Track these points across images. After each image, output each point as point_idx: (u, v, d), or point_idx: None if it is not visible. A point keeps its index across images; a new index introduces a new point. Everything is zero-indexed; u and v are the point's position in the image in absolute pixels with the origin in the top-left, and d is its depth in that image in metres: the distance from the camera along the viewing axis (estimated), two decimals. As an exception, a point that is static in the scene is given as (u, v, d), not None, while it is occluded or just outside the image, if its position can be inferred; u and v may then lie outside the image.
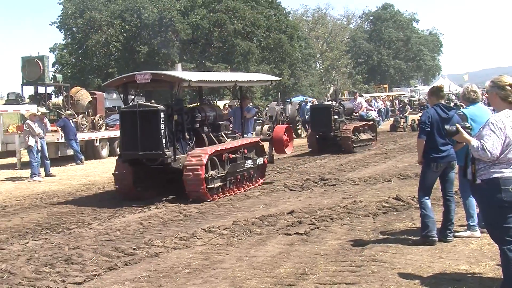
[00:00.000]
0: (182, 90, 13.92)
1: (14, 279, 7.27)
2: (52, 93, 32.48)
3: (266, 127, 17.47)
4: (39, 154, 18.16)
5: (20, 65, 28.26)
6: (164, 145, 12.26)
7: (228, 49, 50.01)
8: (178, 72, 14.19)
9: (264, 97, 54.53)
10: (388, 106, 48.53)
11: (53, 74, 30.72)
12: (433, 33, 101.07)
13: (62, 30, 53.22)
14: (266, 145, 15.78)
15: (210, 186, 12.59)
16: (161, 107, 12.52)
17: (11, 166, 21.60)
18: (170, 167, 12.66)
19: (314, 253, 7.95)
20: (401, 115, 38.38)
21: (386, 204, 11.05)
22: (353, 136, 22.59)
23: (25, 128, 18.38)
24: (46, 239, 9.67)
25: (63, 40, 54.70)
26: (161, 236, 9.39)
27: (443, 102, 8.34)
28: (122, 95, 13.55)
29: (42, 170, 18.50)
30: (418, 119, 32.19)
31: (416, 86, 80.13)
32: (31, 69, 27.57)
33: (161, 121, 12.24)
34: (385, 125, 38.90)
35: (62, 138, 21.56)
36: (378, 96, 50.95)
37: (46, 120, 19.82)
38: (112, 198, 13.59)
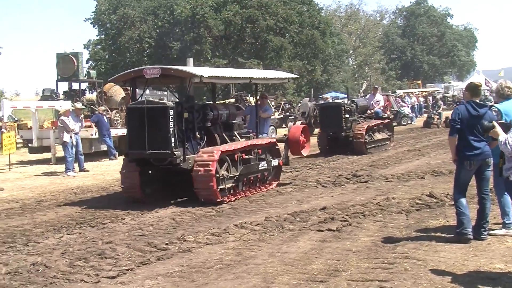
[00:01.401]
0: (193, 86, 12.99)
1: (49, 272, 7.37)
2: (86, 89, 32.90)
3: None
4: (74, 149, 18.36)
5: (55, 61, 28.64)
6: (173, 145, 11.54)
7: (261, 45, 49.99)
8: (189, 67, 13.55)
9: (296, 93, 54.43)
10: (422, 103, 48.08)
11: (87, 70, 31.11)
12: (468, 28, 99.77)
13: (96, 27, 53.83)
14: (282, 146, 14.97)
15: (221, 187, 11.88)
16: (170, 103, 11.89)
17: (46, 161, 21.90)
18: (179, 168, 11.92)
19: (346, 249, 7.91)
20: (434, 112, 37.98)
21: (419, 201, 10.94)
22: (367, 137, 21.04)
23: (59, 124, 18.60)
24: (80, 233, 9.79)
25: (97, 36, 55.32)
26: (194, 232, 9.44)
27: (477, 100, 8.20)
28: (129, 91, 12.84)
29: (76, 165, 18.72)
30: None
31: (450, 82, 79.17)
32: (66, 65, 27.92)
33: (170, 118, 11.51)
34: (418, 122, 38.54)
35: (96, 134, 21.78)
36: (412, 92, 50.55)
37: (81, 116, 20.04)
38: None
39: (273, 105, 37.40)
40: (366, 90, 54.78)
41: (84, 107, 23.95)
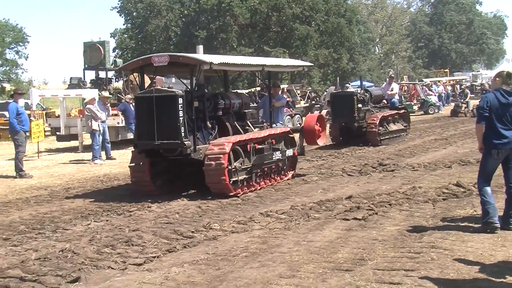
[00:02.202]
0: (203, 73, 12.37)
1: (77, 259, 7.46)
2: (113, 77, 33.07)
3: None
4: (101, 137, 18.51)
5: (82, 50, 28.87)
6: (183, 134, 11.13)
7: (287, 34, 49.85)
8: (199, 55, 13.17)
9: (322, 81, 54.25)
10: (449, 91, 47.61)
11: (114, 58, 31.32)
12: (498, 15, 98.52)
13: (123, 15, 54.13)
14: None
15: (234, 179, 11.48)
16: (180, 92, 11.44)
17: (74, 149, 22.13)
18: (189, 159, 11.53)
19: (372, 238, 7.89)
20: (462, 100, 37.58)
21: (446, 191, 10.86)
22: (381, 127, 20.25)
23: (86, 112, 18.76)
24: (107, 220, 9.88)
25: (124, 25, 55.67)
26: (219, 220, 9.47)
27: (507, 88, 8.09)
28: (137, 80, 12.44)
29: (103, 154, 18.88)
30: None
31: (479, 71, 78.30)
32: (93, 54, 28.14)
33: (180, 107, 11.10)
34: (445, 110, 38.19)
35: (122, 122, 21.91)
36: (439, 81, 50.07)
37: (108, 104, 20.17)
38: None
39: (298, 94, 37.35)
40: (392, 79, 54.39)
41: (111, 95, 24.11)
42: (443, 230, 8.11)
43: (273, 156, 12.92)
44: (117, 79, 33.49)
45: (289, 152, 13.69)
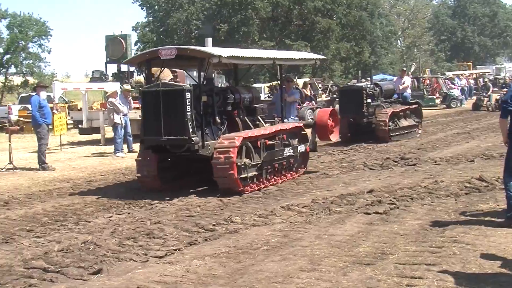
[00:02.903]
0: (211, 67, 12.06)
1: (99, 251, 7.52)
2: (135, 71, 33.21)
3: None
4: (122, 130, 18.61)
5: (104, 43, 29.05)
6: (190, 130, 10.76)
7: (308, 27, 49.74)
8: (207, 47, 12.68)
9: (344, 75, 54.07)
10: (472, 85, 47.14)
11: (136, 52, 31.40)
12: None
13: (144, 9, 54.26)
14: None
15: (243, 176, 11.11)
16: (187, 86, 11.17)
17: (96, 142, 22.28)
18: (198, 155, 11.23)
19: (393, 232, 7.85)
20: (484, 94, 37.21)
21: (469, 185, 10.77)
22: (391, 123, 19.39)
23: (108, 106, 18.86)
24: (129, 213, 9.95)
25: (145, 18, 55.79)
26: (240, 213, 9.49)
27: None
28: (144, 74, 12.24)
29: (125, 147, 18.98)
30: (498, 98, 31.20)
31: (502, 64, 77.44)
32: (115, 47, 28.32)
33: (187, 102, 10.74)
34: (468, 104, 37.86)
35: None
36: (462, 74, 49.58)
37: (130, 98, 20.26)
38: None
39: (320, 87, 37.22)
40: (415, 72, 54.08)
41: (133, 89, 24.22)
42: (465, 225, 8.05)
43: (284, 152, 12.56)
44: (138, 73, 33.62)
45: (301, 148, 13.27)
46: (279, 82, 14.72)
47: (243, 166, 11.14)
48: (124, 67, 29.41)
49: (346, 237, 7.75)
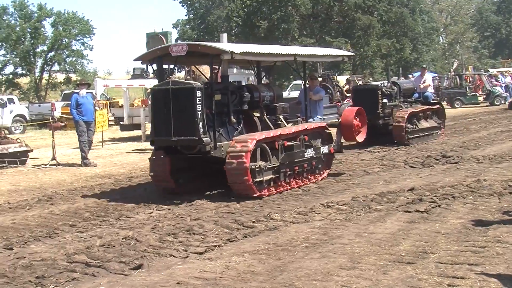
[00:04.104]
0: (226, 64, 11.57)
1: (140, 246, 7.60)
2: (175, 67, 33.39)
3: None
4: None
5: (145, 41, 29.26)
6: (201, 130, 10.33)
7: (349, 24, 49.42)
8: (219, 43, 12.26)
9: (384, 72, 53.60)
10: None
11: (177, 49, 31.56)
12: None
13: (185, 6, 54.64)
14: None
15: (258, 179, 10.56)
16: (198, 84, 10.63)
17: (137, 139, 22.53)
18: (210, 156, 10.74)
19: (434, 231, 7.76)
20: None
21: (513, 184, 10.59)
22: (409, 125, 18.21)
23: (149, 103, 19.01)
24: (169, 209, 10.02)
25: (186, 16, 56.20)
26: (280, 210, 9.49)
27: None
28: (156, 71, 11.86)
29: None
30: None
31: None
32: (155, 44, 28.36)
33: (198, 101, 10.30)
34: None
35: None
36: (506, 71, 48.71)
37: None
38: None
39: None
40: (457, 69, 53.35)
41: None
42: (509, 224, 7.90)
43: (305, 153, 11.88)
44: (179, 70, 33.85)
45: (324, 149, 12.58)
46: (321, 78, 14.38)
47: (258, 169, 10.58)
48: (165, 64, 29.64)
49: (386, 235, 7.69)
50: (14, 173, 15.34)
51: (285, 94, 23.21)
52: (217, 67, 11.39)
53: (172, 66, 13.73)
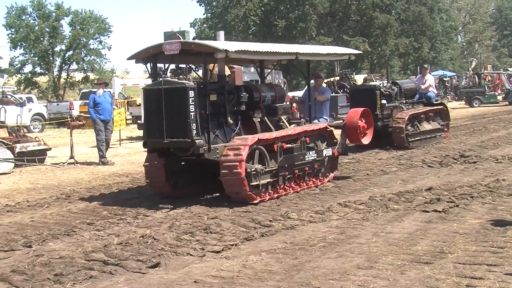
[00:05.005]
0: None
1: (157, 245, 7.62)
2: (193, 67, 33.47)
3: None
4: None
5: (163, 39, 29.34)
6: (194, 132, 9.86)
7: (366, 22, 49.29)
8: (212, 41, 11.80)
9: (402, 71, 53.40)
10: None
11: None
12: None
13: (203, 5, 54.68)
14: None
15: (254, 183, 10.09)
16: (191, 84, 10.18)
17: (154, 138, 22.53)
18: (204, 159, 10.26)
19: (452, 231, 7.71)
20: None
21: (532, 184, 10.50)
22: (410, 127, 17.40)
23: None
24: (186, 208, 10.03)
25: (203, 14, 56.24)
26: (297, 209, 9.48)
27: None
28: (149, 70, 11.37)
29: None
30: None
31: None
32: (173, 43, 28.55)
33: (191, 101, 9.82)
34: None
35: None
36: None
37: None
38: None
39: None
40: (476, 68, 53.00)
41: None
42: (528, 225, 7.85)
43: (306, 156, 11.40)
44: (196, 69, 33.89)
45: (327, 152, 12.04)
46: (339, 77, 14.16)
47: (254, 172, 10.11)
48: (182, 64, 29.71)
49: (404, 235, 7.65)
50: (33, 172, 15.46)
51: (301, 93, 23.03)
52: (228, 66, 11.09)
53: (189, 66, 13.47)
